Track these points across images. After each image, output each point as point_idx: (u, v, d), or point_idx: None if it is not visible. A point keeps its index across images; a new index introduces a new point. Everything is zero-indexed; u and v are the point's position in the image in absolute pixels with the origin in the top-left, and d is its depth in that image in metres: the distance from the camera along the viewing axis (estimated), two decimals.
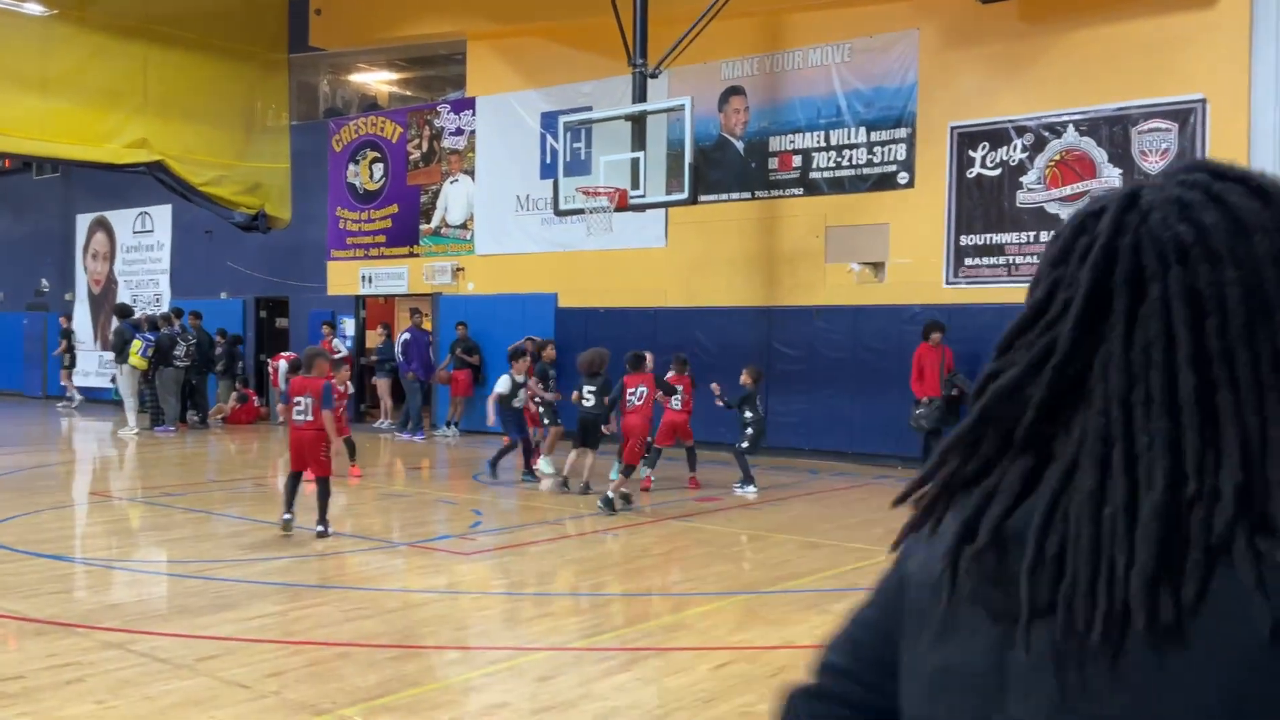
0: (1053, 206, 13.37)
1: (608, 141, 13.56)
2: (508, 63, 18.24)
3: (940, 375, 13.29)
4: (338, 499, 11.68)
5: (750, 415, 11.90)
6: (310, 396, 8.69)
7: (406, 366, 17.86)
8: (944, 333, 13.29)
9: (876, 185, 14.70)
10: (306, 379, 8.92)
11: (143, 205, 23.50)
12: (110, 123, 18.24)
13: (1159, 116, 12.66)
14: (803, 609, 6.67)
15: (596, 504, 10.27)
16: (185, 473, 13.84)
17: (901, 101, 14.49)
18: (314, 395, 8.69)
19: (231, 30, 19.51)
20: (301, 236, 20.67)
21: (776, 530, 9.57)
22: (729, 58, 15.88)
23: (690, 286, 16.34)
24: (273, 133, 20.68)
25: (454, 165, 18.97)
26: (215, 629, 6.06)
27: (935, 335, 13.31)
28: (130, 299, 23.22)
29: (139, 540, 9.35)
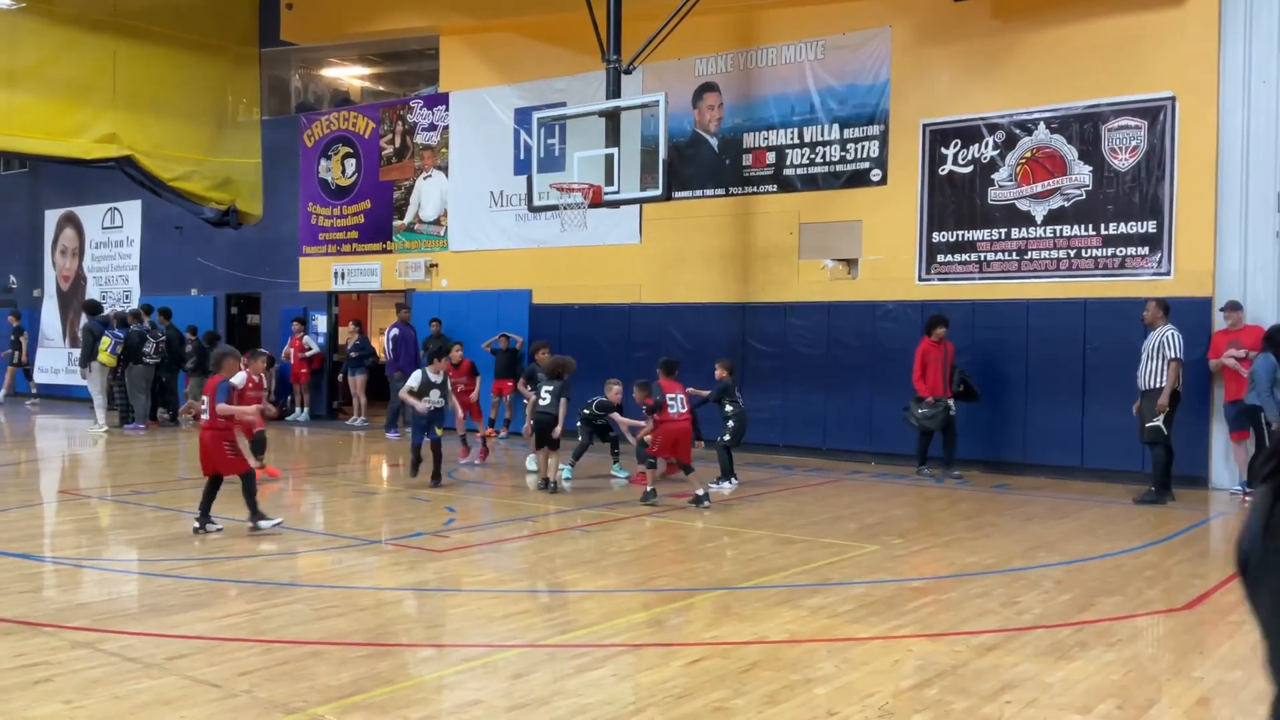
0: (1024, 204, 13.45)
1: (582, 138, 13.53)
2: (481, 58, 18.17)
3: (944, 372, 12.95)
4: (311, 497, 11.66)
5: (730, 409, 11.90)
6: (205, 396, 8.74)
7: (395, 364, 17.61)
8: (948, 328, 13.02)
9: (849, 182, 14.75)
10: (213, 378, 8.92)
11: (112, 201, 23.30)
12: (79, 117, 18.07)
13: (1129, 114, 12.76)
14: (775, 604, 6.69)
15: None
16: (155, 470, 13.72)
17: (874, 99, 14.54)
18: (209, 395, 8.70)
19: (202, 24, 19.36)
20: (273, 232, 20.54)
21: (750, 526, 9.59)
22: (703, 54, 15.89)
23: (665, 283, 16.35)
24: (244, 128, 20.54)
25: (427, 161, 18.90)
26: (186, 628, 6.01)
27: (939, 330, 12.99)
28: (99, 295, 23.04)
29: (108, 539, 9.26)
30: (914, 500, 11.53)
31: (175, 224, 21.59)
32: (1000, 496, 11.68)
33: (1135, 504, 11.08)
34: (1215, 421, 12.26)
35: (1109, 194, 12.89)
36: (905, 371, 14.12)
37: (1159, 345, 11.31)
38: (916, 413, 12.95)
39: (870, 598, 6.90)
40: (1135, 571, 7.85)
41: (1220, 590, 7.23)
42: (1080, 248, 13.08)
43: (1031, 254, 13.41)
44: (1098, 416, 12.74)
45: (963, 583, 7.40)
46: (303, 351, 19.62)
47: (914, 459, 13.20)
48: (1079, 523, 10.00)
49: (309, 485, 12.53)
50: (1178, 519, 10.28)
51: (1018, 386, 13.40)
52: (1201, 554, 8.77)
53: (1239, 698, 5.04)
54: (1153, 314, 11.58)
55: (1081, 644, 5.88)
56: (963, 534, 9.33)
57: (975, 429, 13.60)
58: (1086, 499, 11.48)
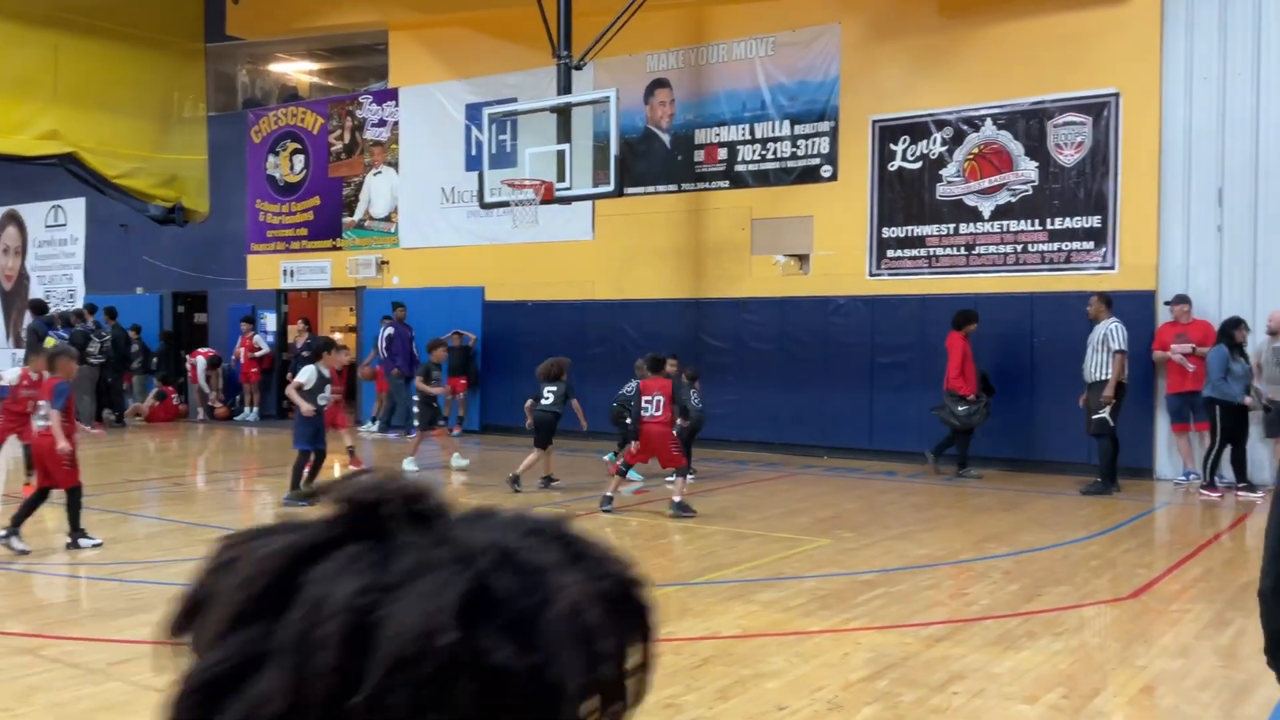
0: (971, 199, 13.59)
1: (533, 133, 13.49)
2: (431, 53, 18.04)
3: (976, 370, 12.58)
4: (261, 498, 11.52)
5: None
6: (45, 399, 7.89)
7: (392, 363, 17.28)
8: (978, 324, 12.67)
9: (800, 178, 14.82)
10: (50, 378, 8.16)
11: (55, 198, 22.86)
12: (20, 114, 17.70)
13: (1073, 110, 12.92)
14: (728, 599, 6.71)
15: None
16: (101, 473, 13.48)
17: (824, 95, 14.62)
18: (47, 397, 7.89)
19: (147, 19, 19.04)
20: (220, 230, 20.27)
21: (704, 522, 9.61)
22: (654, 50, 15.88)
23: (618, 279, 16.33)
24: (190, 124, 20.26)
25: (377, 157, 18.74)
26: (130, 632, 5.92)
27: (970, 326, 12.56)
28: (43, 294, 22.59)
29: (52, 542, 9.09)
30: (866, 494, 11.61)
31: (120, 222, 21.24)
32: (951, 489, 11.80)
33: (1082, 495, 11.24)
34: (1159, 413, 12.46)
35: (1054, 189, 13.06)
36: (857, 365, 14.24)
37: (1103, 338, 11.48)
38: (956, 410, 12.44)
39: (821, 591, 6.94)
40: (1082, 561, 7.96)
41: (1164, 579, 7.35)
42: (1027, 242, 13.23)
43: (979, 249, 13.54)
44: (1045, 409, 12.90)
45: (913, 575, 7.46)
46: (252, 351, 19.39)
47: (860, 454, 13.29)
48: (1028, 514, 10.12)
49: (259, 486, 12.38)
50: (1123, 509, 10.43)
51: None
52: (1146, 544, 8.91)
53: (1182, 685, 5.13)
54: (1096, 308, 11.74)
55: (1029, 634, 5.95)
56: (914, 526, 9.40)
57: (924, 423, 13.71)
58: (1035, 490, 11.62)
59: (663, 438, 9.91)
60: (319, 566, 0.62)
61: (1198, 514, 10.49)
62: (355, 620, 0.59)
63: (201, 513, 10.04)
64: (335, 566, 0.62)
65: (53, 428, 7.85)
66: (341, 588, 0.60)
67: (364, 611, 0.59)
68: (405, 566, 0.62)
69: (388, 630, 0.59)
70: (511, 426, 16.99)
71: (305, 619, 0.60)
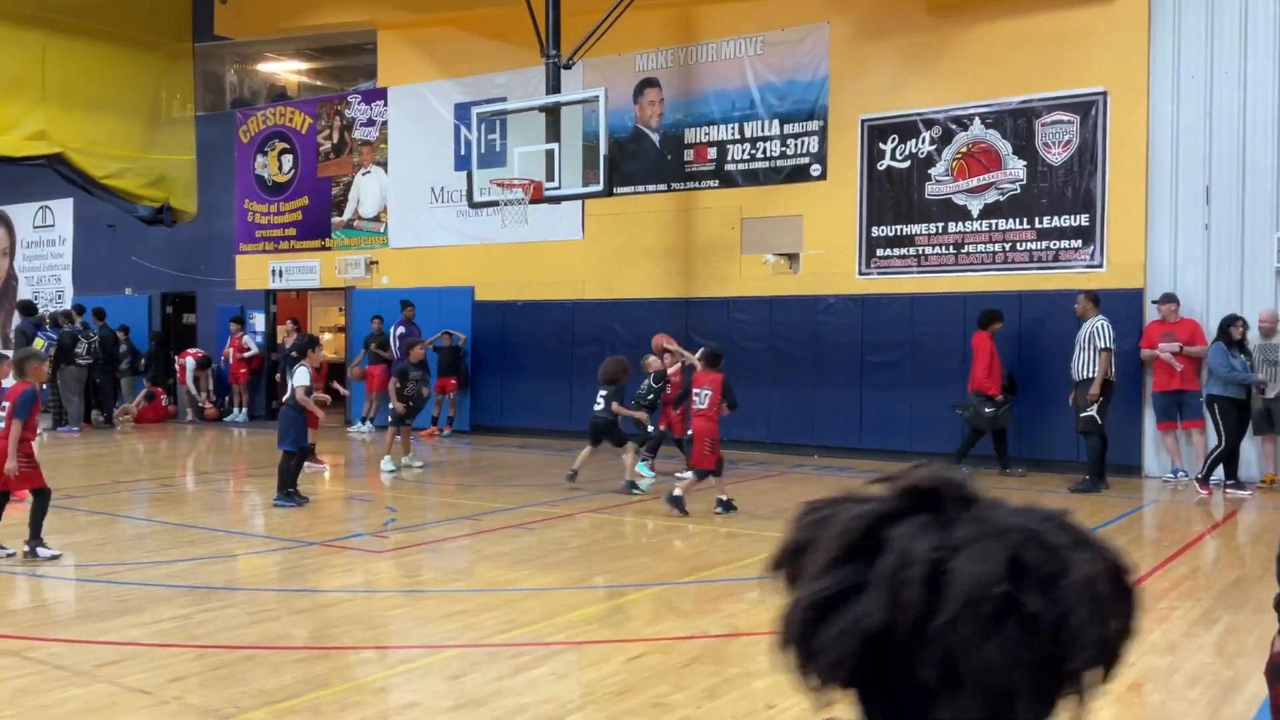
0: (960, 198, 13.61)
1: (523, 133, 13.47)
2: (420, 53, 18.01)
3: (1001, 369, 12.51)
4: (250, 498, 11.49)
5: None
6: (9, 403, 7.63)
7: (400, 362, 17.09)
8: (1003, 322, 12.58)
9: (790, 177, 14.83)
10: (17, 384, 7.86)
11: (43, 199, 22.77)
12: (7, 114, 17.61)
13: (1061, 109, 12.95)
14: (716, 599, 6.71)
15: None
16: (89, 474, 13.44)
17: (813, 94, 14.63)
18: (11, 401, 7.62)
19: (134, 19, 18.97)
20: (209, 230, 20.21)
21: (693, 521, 9.60)
22: (644, 49, 15.88)
23: (608, 278, 16.32)
24: (178, 124, 20.18)
25: (366, 156, 18.70)
26: (117, 634, 5.90)
27: (996, 325, 12.47)
28: (31, 295, 22.52)
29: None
30: None
31: (108, 222, 21.16)
32: None
33: (1070, 493, 11.26)
34: (1147, 410, 12.49)
35: (1043, 188, 13.08)
36: (847, 364, 14.25)
37: (1090, 336, 11.51)
38: (983, 411, 12.35)
39: None
40: None
41: (1152, 576, 7.37)
42: (1015, 241, 13.26)
43: (968, 247, 13.57)
44: (1034, 407, 12.92)
45: None
46: (242, 351, 19.34)
47: (851, 453, 13.29)
48: None
49: (248, 487, 12.35)
50: (1112, 507, 10.46)
51: (955, 379, 13.52)
52: (1134, 541, 8.92)
53: (1170, 682, 5.14)
54: (1083, 306, 11.77)
55: None
56: None
57: (916, 420, 13.76)
58: (1024, 489, 11.63)
59: (703, 432, 9.86)
60: (898, 527, 0.87)
61: (1186, 511, 10.52)
62: (933, 567, 0.83)
63: (189, 514, 10.00)
64: (912, 529, 0.86)
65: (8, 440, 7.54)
66: (921, 543, 0.85)
67: (938, 562, 0.84)
68: (963, 534, 0.85)
69: (958, 577, 0.83)
70: (502, 426, 17.01)
71: (898, 561, 0.84)
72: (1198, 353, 11.88)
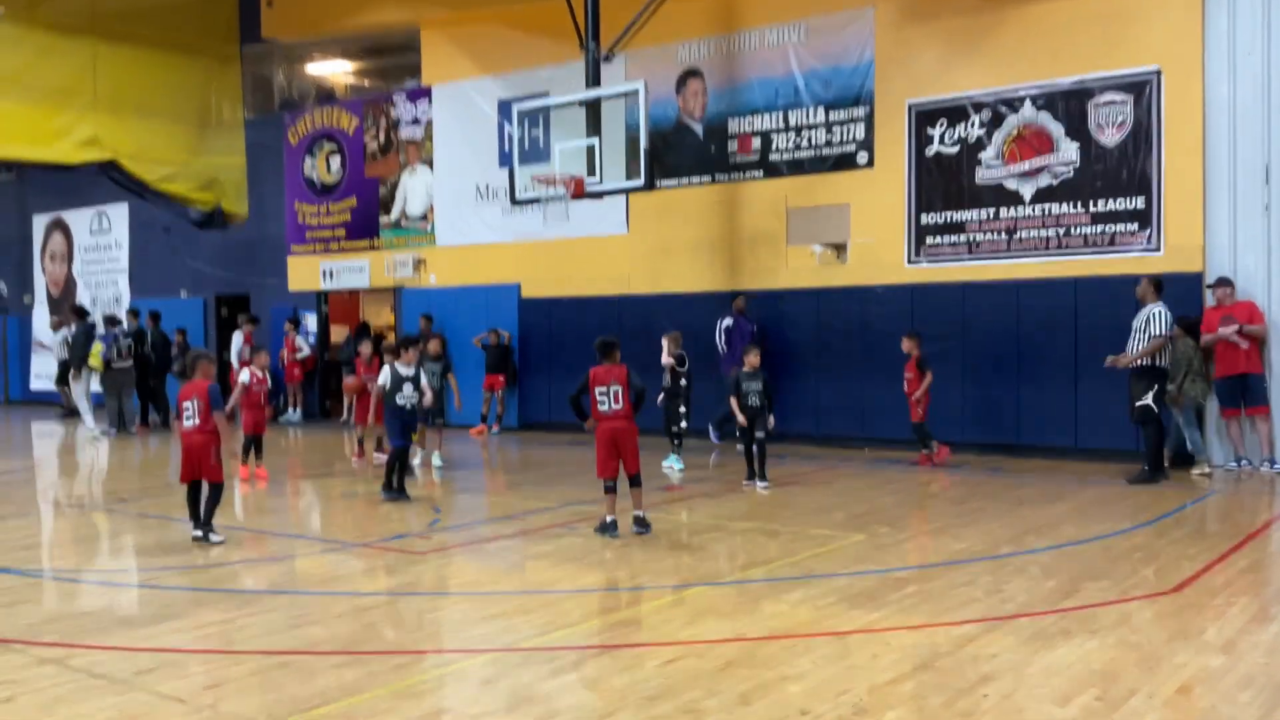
0: (1012, 183, 13.32)
1: (565, 127, 13.41)
2: (462, 50, 18.03)
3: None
4: (299, 499, 11.58)
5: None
6: (197, 399, 8.43)
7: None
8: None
9: (836, 165, 14.62)
10: (191, 383, 8.61)
11: (100, 204, 23.21)
12: (61, 121, 17.95)
13: (1114, 89, 12.61)
14: (756, 599, 6.59)
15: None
16: (144, 476, 13.65)
17: (859, 80, 14.40)
18: (200, 398, 8.43)
19: (182, 25, 19.21)
20: (260, 232, 20.43)
21: (737, 518, 9.50)
22: (685, 39, 15.74)
23: (653, 273, 16.23)
24: (227, 127, 20.42)
25: (412, 156, 18.78)
26: (157, 640, 5.93)
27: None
28: (89, 300, 22.97)
29: (90, 549, 9.20)
30: (906, 487, 11.43)
31: (163, 226, 21.49)
32: (992, 480, 11.58)
33: (1128, 484, 10.97)
34: (1209, 399, 12.13)
35: (1097, 170, 12.76)
36: (897, 355, 14.00)
37: (1145, 322, 11.21)
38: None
39: (852, 590, 6.80)
40: (1124, 554, 7.76)
41: (1209, 572, 7.14)
42: (1069, 226, 12.95)
43: (1021, 233, 13.28)
44: (1091, 396, 12.63)
45: (948, 571, 7.30)
46: (295, 352, 19.53)
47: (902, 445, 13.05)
48: (1071, 505, 9.90)
49: (300, 486, 12.44)
50: (1171, 498, 10.17)
51: (1010, 368, 13.28)
52: (1194, 533, 8.67)
53: (1220, 685, 4.95)
54: (1144, 289, 11.45)
55: (1064, 631, 5.79)
56: (952, 520, 9.23)
57: (968, 412, 13.52)
58: (1080, 481, 11.38)
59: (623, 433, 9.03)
60: None
61: (1251, 502, 10.20)
62: None
63: (240, 516, 10.09)
64: None
65: (213, 427, 8.47)
66: None
67: None
68: None
69: None
70: (552, 422, 16.98)
71: None
72: (1258, 331, 11.57)
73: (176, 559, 8.17)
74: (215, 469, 8.56)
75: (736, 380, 11.04)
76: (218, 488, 8.64)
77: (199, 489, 8.63)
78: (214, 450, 8.52)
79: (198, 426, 8.48)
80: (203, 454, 8.48)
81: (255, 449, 12.36)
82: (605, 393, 8.66)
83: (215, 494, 8.64)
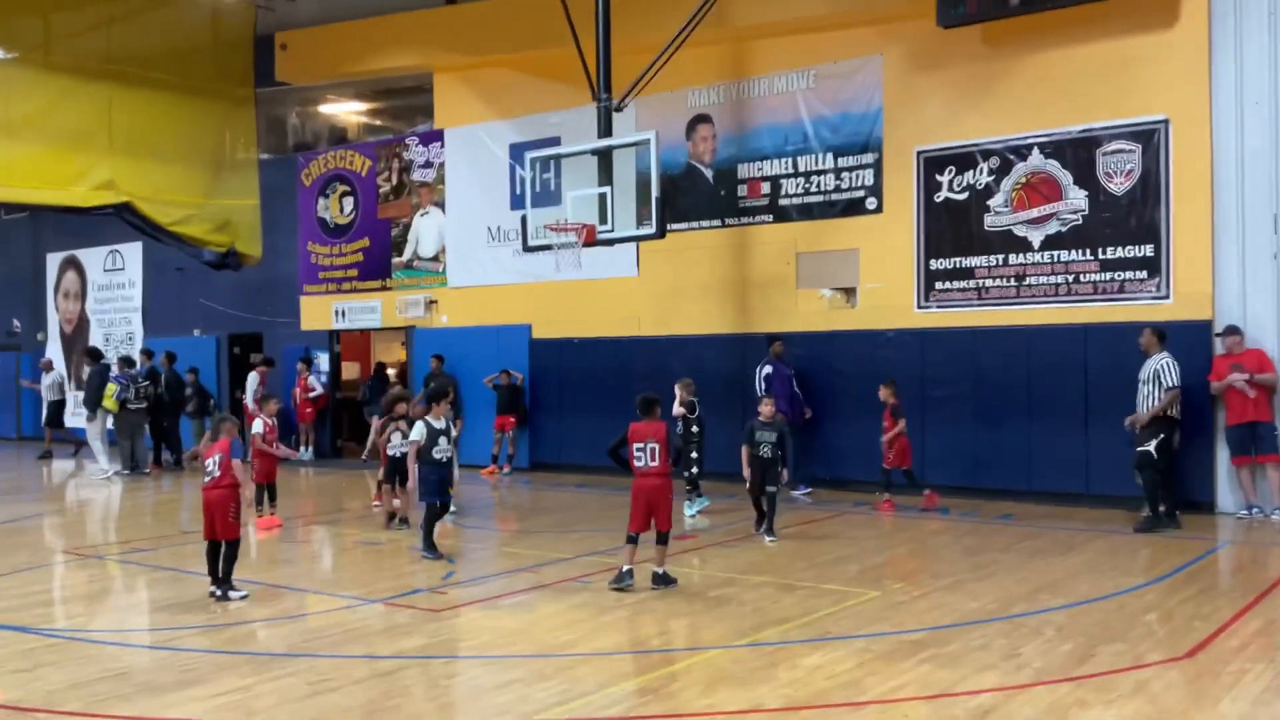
0: (1020, 229, 13.41)
1: (576, 171, 13.50)
2: (475, 94, 18.21)
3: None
4: (310, 547, 11.64)
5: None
6: (219, 455, 8.66)
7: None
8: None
9: (845, 211, 14.73)
10: (214, 444, 8.84)
11: (113, 243, 23.39)
12: (76, 165, 18.07)
13: (1122, 138, 12.71)
14: (773, 664, 6.63)
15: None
16: (158, 524, 13.70)
17: (867, 127, 14.52)
18: (222, 453, 8.66)
19: (197, 68, 19.39)
20: (273, 271, 20.58)
21: (751, 571, 9.53)
22: (695, 85, 15.90)
23: (664, 315, 16.33)
24: (241, 167, 20.56)
25: (424, 198, 18.93)
26: (177, 709, 5.98)
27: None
28: (103, 338, 23.11)
29: (107, 605, 9.26)
30: (918, 535, 11.45)
31: (176, 265, 21.64)
32: (1005, 529, 11.60)
33: (1135, 532, 11.01)
34: (1219, 445, 12.17)
35: (1105, 218, 12.84)
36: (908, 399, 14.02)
37: (1155, 374, 11.27)
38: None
39: (870, 653, 6.83)
40: (1138, 614, 7.78)
41: (1222, 634, 7.16)
42: (1078, 273, 13.02)
43: (1030, 280, 13.35)
44: (1102, 442, 12.66)
45: (964, 633, 7.33)
46: (308, 392, 19.64)
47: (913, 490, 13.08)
48: (1083, 558, 9.92)
49: (313, 534, 12.50)
50: (1183, 550, 10.19)
51: (1020, 413, 13.32)
52: (1206, 590, 8.67)
53: None
54: (1148, 341, 11.54)
55: (1080, 702, 5.81)
56: (965, 574, 9.25)
57: (979, 457, 13.55)
58: (1091, 529, 11.41)
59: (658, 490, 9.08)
60: None
61: (1262, 554, 10.21)
62: None
63: (255, 567, 10.13)
64: None
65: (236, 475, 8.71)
66: None
67: None
68: None
69: None
70: (562, 464, 17.05)
71: None
72: (1269, 380, 11.61)
73: (194, 617, 8.22)
74: (232, 527, 8.68)
75: (751, 430, 11.08)
76: (234, 545, 8.75)
77: (218, 547, 8.74)
78: (232, 507, 8.65)
79: (216, 480, 8.67)
80: (221, 510, 8.64)
81: (269, 496, 12.51)
82: (643, 449, 8.78)
83: (231, 551, 8.76)
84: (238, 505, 8.73)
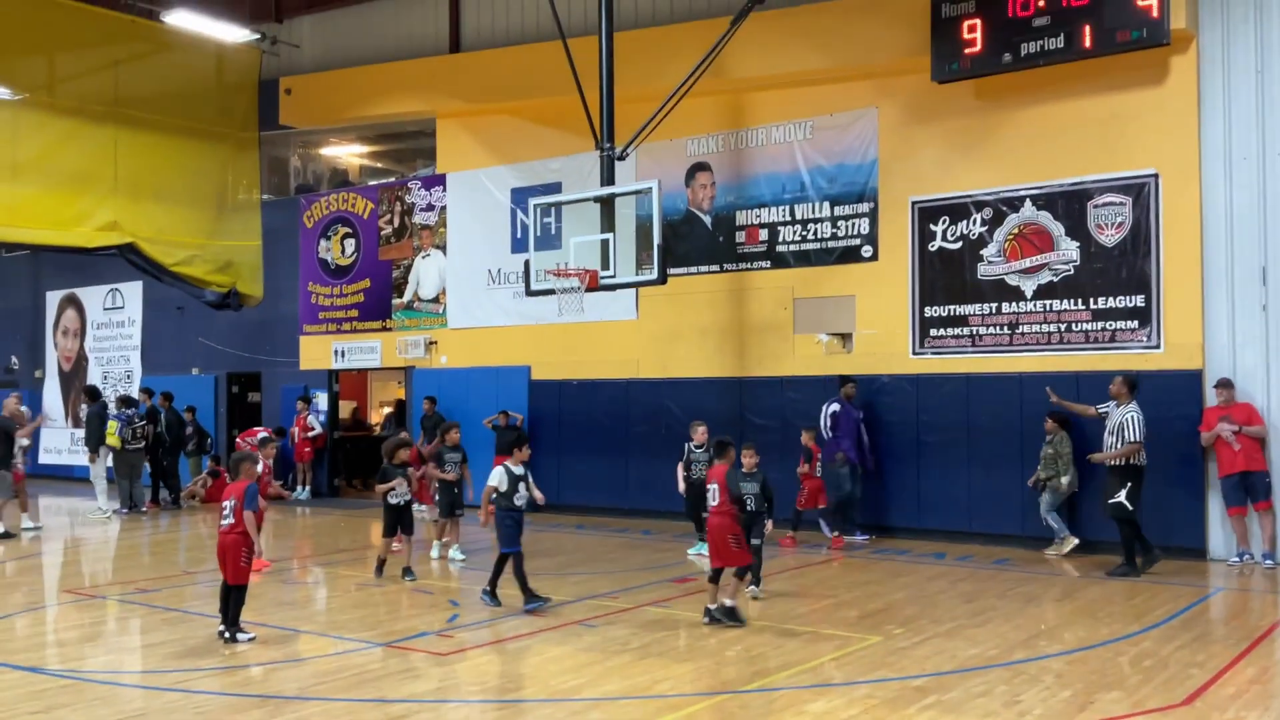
0: (1013, 279, 13.67)
1: (578, 217, 13.72)
2: (477, 140, 18.50)
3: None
4: (313, 589, 11.73)
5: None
6: (234, 500, 8.79)
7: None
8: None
9: (841, 258, 14.98)
10: (233, 484, 8.98)
11: (113, 282, 23.54)
12: (80, 206, 18.30)
13: (1113, 191, 13.01)
14: (778, 712, 6.76)
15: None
16: (159, 564, 13.77)
17: (863, 177, 14.81)
18: (237, 498, 8.78)
19: (202, 112, 19.68)
20: (273, 311, 20.75)
21: (752, 615, 9.65)
22: (695, 135, 16.20)
23: (662, 358, 16.53)
24: (244, 209, 20.80)
25: (425, 240, 19.16)
26: None
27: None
28: (101, 376, 23.21)
29: (118, 646, 9.33)
30: (915, 581, 11.59)
31: (176, 304, 21.81)
32: (1001, 574, 11.76)
33: (1108, 577, 11.26)
34: (1211, 493, 12.37)
35: (1096, 269, 13.11)
36: (902, 444, 14.22)
37: (1119, 426, 11.53)
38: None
39: (873, 699, 6.97)
40: (1134, 661, 7.93)
41: (1218, 681, 7.31)
42: (1070, 322, 13.27)
43: (1023, 328, 13.60)
44: (1093, 489, 12.80)
45: (965, 679, 7.47)
46: (307, 431, 19.76)
47: (908, 534, 13.25)
48: (1079, 603, 10.08)
49: (313, 576, 12.58)
50: (1175, 596, 10.36)
51: (1013, 460, 13.51)
52: (1200, 637, 8.83)
53: None
54: (1119, 388, 11.79)
55: None
56: (964, 620, 9.40)
57: (973, 502, 13.73)
58: (1085, 575, 11.57)
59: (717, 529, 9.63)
60: None
61: (1254, 601, 10.39)
62: None
63: (260, 609, 10.20)
64: None
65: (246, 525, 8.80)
66: None
67: None
68: None
69: None
70: (561, 505, 17.14)
71: None
72: (1256, 432, 11.83)
73: (206, 659, 8.32)
74: (241, 571, 8.82)
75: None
76: (240, 590, 8.86)
77: (230, 589, 8.86)
78: (244, 552, 8.78)
79: (231, 526, 8.81)
80: (233, 555, 8.79)
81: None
82: (711, 490, 9.55)
83: (238, 595, 8.88)
84: (250, 550, 8.86)
